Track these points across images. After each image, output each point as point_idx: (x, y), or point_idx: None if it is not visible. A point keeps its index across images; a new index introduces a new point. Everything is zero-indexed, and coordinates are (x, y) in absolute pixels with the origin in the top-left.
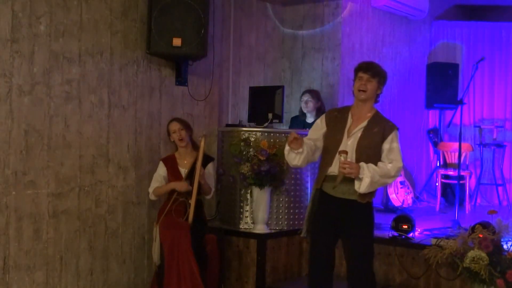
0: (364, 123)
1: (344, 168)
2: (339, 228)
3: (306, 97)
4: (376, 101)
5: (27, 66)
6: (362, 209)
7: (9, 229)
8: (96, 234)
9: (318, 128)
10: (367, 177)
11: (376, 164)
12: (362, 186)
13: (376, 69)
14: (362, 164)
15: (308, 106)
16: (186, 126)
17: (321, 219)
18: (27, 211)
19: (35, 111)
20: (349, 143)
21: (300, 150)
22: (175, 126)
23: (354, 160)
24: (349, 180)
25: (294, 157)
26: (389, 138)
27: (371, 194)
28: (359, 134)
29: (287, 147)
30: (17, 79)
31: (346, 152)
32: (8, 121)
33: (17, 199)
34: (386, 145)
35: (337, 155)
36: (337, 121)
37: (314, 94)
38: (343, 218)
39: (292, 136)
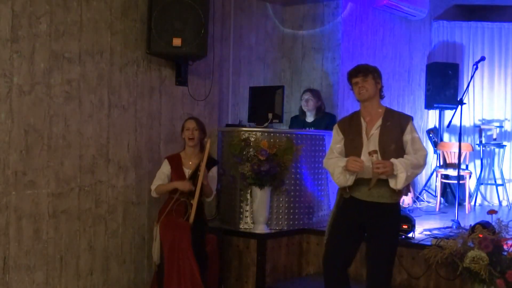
0: (379, 122)
1: (378, 168)
2: (366, 232)
3: (307, 96)
4: (381, 97)
5: (27, 66)
6: (391, 211)
7: (9, 229)
8: (96, 234)
9: (338, 141)
10: (402, 173)
11: (402, 157)
12: (398, 182)
13: (364, 68)
14: (394, 160)
15: (308, 104)
16: (201, 128)
17: (345, 221)
18: (27, 211)
19: (35, 111)
20: (371, 144)
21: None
22: (191, 124)
23: (380, 159)
24: (380, 184)
25: (348, 179)
26: (408, 129)
27: (401, 192)
28: (377, 134)
29: (340, 170)
30: (17, 79)
31: (376, 152)
32: (8, 121)
33: (17, 199)
34: (407, 136)
35: (367, 156)
36: (351, 127)
37: (315, 93)
38: (372, 221)
39: (357, 163)
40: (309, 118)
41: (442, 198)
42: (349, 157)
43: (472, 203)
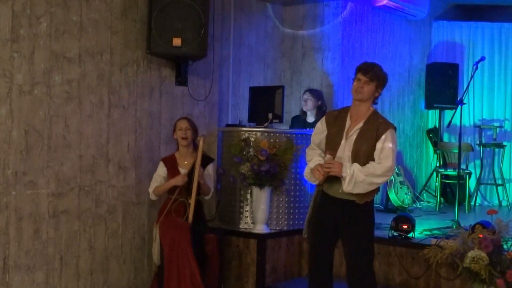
0: (360, 124)
1: (328, 167)
2: (339, 228)
3: (306, 95)
4: (374, 102)
5: (27, 66)
6: (361, 209)
7: (9, 229)
8: (96, 234)
9: (320, 131)
10: (348, 176)
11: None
12: (344, 184)
13: (375, 72)
14: (347, 163)
15: (307, 104)
16: (194, 128)
17: (321, 219)
18: (27, 211)
19: (35, 111)
20: (346, 146)
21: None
22: (183, 124)
23: (350, 162)
24: None
25: (313, 180)
26: (383, 137)
27: (369, 195)
28: (354, 136)
29: (309, 169)
30: (17, 79)
31: (333, 153)
32: (8, 121)
33: (17, 199)
34: (379, 145)
35: (342, 154)
36: (336, 122)
37: (315, 93)
38: (343, 218)
39: (318, 173)
40: (310, 118)
41: (442, 198)
42: (317, 163)
43: (472, 203)
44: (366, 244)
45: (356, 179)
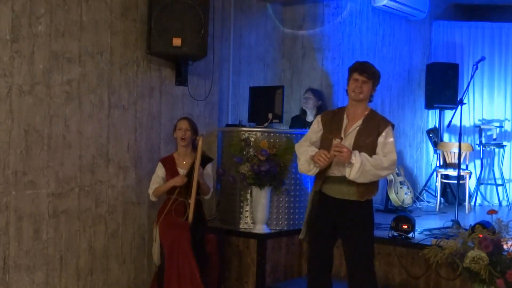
0: (359, 122)
1: (338, 151)
2: (338, 229)
3: (308, 94)
4: (370, 101)
5: (27, 66)
6: (361, 209)
7: (9, 229)
8: (96, 234)
9: (316, 131)
10: (357, 162)
11: None
12: (352, 172)
13: (371, 71)
14: (355, 151)
15: (308, 103)
16: (194, 128)
17: (320, 220)
18: (27, 211)
19: (35, 111)
20: (346, 143)
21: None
22: (183, 124)
23: None
24: (348, 181)
25: (311, 169)
26: (384, 133)
27: (370, 192)
28: (354, 134)
29: (306, 158)
30: (17, 79)
31: (341, 138)
32: (8, 121)
33: (17, 199)
34: (381, 139)
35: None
36: (333, 122)
37: (316, 93)
38: (342, 219)
39: (323, 157)
40: (310, 118)
41: (442, 198)
42: (320, 150)
43: (472, 203)
44: (366, 244)
45: (364, 167)
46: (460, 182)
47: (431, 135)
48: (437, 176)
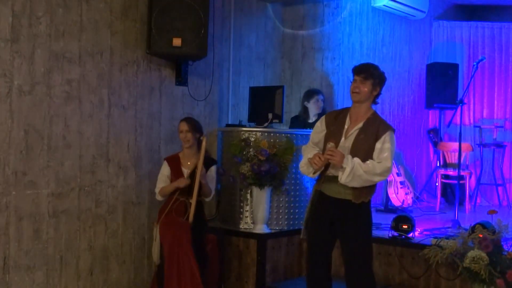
0: (360, 124)
1: (330, 155)
2: (336, 228)
3: (321, 97)
4: (374, 102)
5: (27, 66)
6: (358, 209)
7: (9, 229)
8: (96, 234)
9: (319, 131)
10: (348, 167)
11: None
12: (343, 176)
13: (369, 71)
14: (348, 156)
15: (319, 106)
16: (194, 129)
17: (319, 219)
18: (27, 211)
19: (35, 111)
20: (346, 145)
21: (321, 169)
22: (183, 126)
23: None
24: None
25: (310, 171)
26: (382, 138)
27: (365, 194)
28: (354, 135)
29: (306, 160)
30: (17, 79)
31: (335, 142)
32: (8, 121)
33: (17, 199)
34: (378, 145)
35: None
36: (336, 122)
37: (323, 95)
38: (340, 218)
39: (317, 160)
40: (312, 119)
41: (442, 198)
42: (316, 152)
43: (472, 203)
44: (364, 244)
45: (355, 172)
46: (460, 182)
47: (431, 135)
48: (437, 176)
